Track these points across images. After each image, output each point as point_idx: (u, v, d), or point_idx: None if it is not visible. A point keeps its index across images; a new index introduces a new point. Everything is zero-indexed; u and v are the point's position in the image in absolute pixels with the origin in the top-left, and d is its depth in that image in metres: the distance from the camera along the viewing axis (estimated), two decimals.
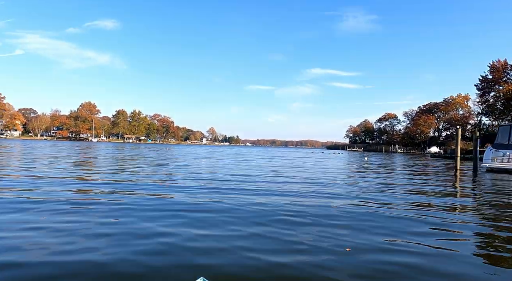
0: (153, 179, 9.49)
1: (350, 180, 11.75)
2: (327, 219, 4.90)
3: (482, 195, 8.60)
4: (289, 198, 6.84)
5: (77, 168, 12.97)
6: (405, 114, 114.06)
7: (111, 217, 4.63)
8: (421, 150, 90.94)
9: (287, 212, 5.33)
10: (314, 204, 6.14)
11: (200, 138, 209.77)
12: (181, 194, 6.88)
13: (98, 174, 10.58)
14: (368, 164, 23.43)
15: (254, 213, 5.21)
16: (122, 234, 3.82)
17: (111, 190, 7.13)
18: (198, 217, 4.77)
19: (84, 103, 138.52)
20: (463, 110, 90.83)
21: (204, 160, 21.64)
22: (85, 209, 5.13)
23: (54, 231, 3.84)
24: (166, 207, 5.48)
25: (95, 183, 8.31)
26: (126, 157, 22.22)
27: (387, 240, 3.92)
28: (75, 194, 6.57)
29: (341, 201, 6.57)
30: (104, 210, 5.04)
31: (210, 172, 12.54)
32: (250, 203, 6.05)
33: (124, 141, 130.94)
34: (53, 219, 4.44)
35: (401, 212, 5.68)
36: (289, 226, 4.43)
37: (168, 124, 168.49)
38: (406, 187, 9.57)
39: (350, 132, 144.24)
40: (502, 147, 17.57)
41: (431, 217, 5.32)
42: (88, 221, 4.36)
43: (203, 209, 5.40)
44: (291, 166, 18.14)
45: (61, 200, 5.74)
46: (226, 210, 5.37)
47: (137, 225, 4.23)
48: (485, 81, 56.44)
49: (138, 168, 13.76)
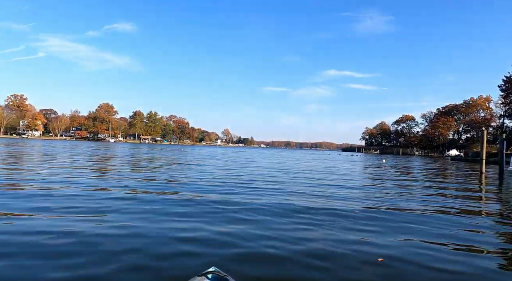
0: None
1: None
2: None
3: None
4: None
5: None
6: (423, 116, 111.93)
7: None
8: (440, 153, 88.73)
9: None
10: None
11: (215, 139, 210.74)
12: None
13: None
14: (388, 168, 22.89)
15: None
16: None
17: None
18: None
19: (102, 104, 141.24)
20: (484, 112, 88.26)
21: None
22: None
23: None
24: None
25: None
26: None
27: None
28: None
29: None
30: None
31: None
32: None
33: (141, 142, 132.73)
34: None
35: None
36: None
37: (183, 125, 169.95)
38: (443, 198, 9.18)
39: (366, 134, 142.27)
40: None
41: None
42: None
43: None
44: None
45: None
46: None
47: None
48: (509, 82, 54.58)
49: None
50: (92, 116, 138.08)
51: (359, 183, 11.09)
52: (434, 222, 5.01)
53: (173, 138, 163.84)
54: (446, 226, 4.76)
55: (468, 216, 5.73)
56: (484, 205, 7.53)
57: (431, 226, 4.74)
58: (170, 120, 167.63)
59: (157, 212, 5.00)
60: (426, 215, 5.55)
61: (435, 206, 6.58)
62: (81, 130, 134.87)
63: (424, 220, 5.11)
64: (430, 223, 4.90)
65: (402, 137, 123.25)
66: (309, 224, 4.57)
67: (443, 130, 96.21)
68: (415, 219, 5.20)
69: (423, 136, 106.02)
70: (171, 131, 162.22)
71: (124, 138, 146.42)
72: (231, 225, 4.38)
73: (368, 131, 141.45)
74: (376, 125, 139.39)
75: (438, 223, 4.95)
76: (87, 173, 10.47)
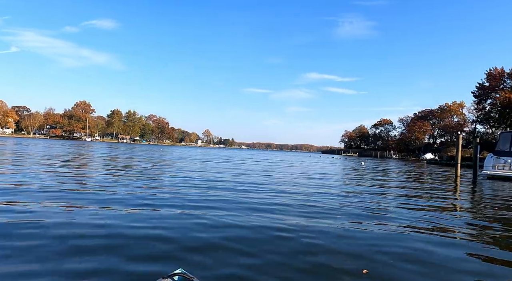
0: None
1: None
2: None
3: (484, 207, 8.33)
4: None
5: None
6: (401, 120, 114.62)
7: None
8: (416, 156, 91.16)
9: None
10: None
11: (195, 140, 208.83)
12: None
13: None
14: (365, 170, 23.19)
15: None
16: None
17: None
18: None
19: (78, 102, 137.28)
20: (458, 118, 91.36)
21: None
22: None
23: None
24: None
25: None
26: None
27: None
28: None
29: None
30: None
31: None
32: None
33: (119, 141, 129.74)
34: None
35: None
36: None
37: (163, 125, 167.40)
38: (417, 202, 9.25)
39: (346, 137, 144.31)
40: (504, 154, 17.39)
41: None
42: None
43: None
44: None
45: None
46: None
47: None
48: (482, 89, 56.77)
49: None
50: (68, 114, 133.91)
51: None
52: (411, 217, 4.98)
53: (152, 138, 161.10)
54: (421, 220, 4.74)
55: (445, 212, 5.77)
56: (459, 204, 7.70)
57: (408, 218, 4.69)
58: (149, 120, 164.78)
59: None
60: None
61: (413, 204, 6.63)
62: (56, 129, 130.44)
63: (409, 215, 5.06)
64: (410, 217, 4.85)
65: (380, 140, 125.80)
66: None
67: (419, 134, 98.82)
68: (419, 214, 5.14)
69: (400, 139, 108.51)
70: (150, 131, 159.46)
71: (102, 138, 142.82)
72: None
73: (347, 134, 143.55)
74: (355, 128, 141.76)
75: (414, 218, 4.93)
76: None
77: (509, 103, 49.14)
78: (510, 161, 16.85)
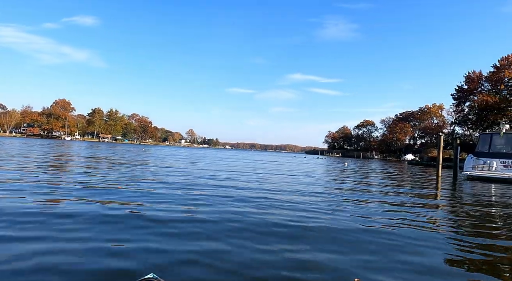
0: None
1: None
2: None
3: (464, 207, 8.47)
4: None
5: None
6: (383, 122, 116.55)
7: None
8: (397, 157, 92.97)
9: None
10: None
11: (179, 139, 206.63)
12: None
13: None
14: (349, 171, 23.37)
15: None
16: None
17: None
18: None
19: (58, 100, 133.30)
20: (438, 119, 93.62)
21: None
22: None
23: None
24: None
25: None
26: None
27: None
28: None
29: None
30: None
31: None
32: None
33: (100, 140, 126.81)
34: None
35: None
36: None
37: (146, 125, 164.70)
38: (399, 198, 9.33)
39: (329, 137, 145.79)
40: (483, 155, 17.86)
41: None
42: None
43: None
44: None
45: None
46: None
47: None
48: (461, 91, 58.40)
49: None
50: (46, 112, 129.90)
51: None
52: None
53: (134, 137, 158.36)
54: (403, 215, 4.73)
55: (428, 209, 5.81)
56: (441, 202, 7.83)
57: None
58: (132, 119, 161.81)
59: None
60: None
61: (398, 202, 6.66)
62: (33, 127, 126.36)
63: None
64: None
65: (362, 141, 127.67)
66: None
67: (400, 135, 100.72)
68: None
69: (382, 140, 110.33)
70: (132, 130, 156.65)
71: (82, 136, 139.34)
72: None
73: (331, 135, 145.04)
74: (339, 129, 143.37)
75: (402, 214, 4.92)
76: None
77: (487, 106, 50.72)
78: (489, 162, 17.31)
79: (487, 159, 17.43)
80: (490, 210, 7.38)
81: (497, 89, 52.90)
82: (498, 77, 51.82)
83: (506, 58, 51.20)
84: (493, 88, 53.68)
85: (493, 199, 9.63)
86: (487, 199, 9.39)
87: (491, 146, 17.82)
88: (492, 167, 17.06)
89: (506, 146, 17.39)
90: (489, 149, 17.84)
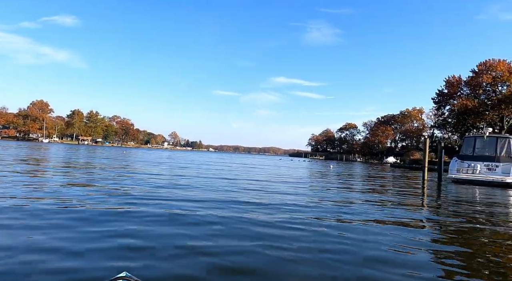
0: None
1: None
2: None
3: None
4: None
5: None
6: (365, 125, 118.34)
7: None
8: (379, 159, 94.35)
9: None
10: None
11: (162, 142, 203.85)
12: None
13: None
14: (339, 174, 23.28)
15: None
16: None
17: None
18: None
19: (35, 101, 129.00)
20: (418, 123, 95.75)
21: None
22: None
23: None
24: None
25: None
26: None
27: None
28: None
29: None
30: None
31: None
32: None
33: (79, 143, 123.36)
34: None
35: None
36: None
37: (127, 127, 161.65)
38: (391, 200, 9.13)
39: (312, 140, 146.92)
40: (467, 158, 18.02)
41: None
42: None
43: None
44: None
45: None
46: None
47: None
48: (441, 95, 59.83)
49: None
50: (22, 113, 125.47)
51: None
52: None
53: (115, 139, 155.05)
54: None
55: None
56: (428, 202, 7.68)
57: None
58: (113, 121, 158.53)
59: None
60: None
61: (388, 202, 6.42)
62: (8, 129, 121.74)
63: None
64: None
65: (345, 144, 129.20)
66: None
67: (382, 138, 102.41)
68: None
69: (364, 143, 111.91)
70: (113, 132, 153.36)
71: (60, 139, 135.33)
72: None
73: (314, 138, 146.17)
74: (322, 132, 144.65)
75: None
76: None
77: (466, 110, 52.07)
78: (473, 165, 17.48)
79: (471, 162, 17.60)
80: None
81: (476, 93, 54.43)
82: (477, 81, 53.33)
83: (483, 64, 52.76)
84: (472, 93, 55.22)
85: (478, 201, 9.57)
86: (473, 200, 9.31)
87: (475, 149, 18.02)
88: (476, 170, 17.23)
89: (490, 149, 17.62)
90: (473, 152, 18.03)
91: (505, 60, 51.46)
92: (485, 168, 17.23)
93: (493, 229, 5.40)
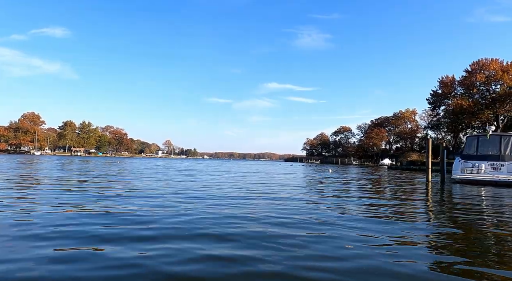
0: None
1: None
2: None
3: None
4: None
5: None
6: (359, 128, 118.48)
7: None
8: (374, 162, 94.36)
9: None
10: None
11: (156, 150, 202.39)
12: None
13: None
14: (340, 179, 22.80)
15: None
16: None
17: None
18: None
19: (26, 114, 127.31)
20: (411, 124, 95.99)
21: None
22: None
23: None
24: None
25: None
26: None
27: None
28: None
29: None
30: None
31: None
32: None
33: (72, 154, 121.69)
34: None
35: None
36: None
37: (121, 136, 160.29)
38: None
39: (307, 144, 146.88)
40: (471, 158, 17.68)
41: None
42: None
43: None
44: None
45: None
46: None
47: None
48: (435, 95, 59.95)
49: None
50: (14, 126, 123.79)
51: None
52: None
53: (109, 150, 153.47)
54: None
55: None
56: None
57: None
58: (106, 131, 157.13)
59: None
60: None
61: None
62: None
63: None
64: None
65: (340, 147, 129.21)
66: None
67: (376, 140, 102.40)
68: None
69: (359, 146, 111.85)
70: (107, 142, 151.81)
71: (53, 151, 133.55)
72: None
73: (309, 142, 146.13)
74: (316, 136, 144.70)
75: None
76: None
77: (461, 109, 52.12)
78: (478, 164, 17.13)
79: (475, 161, 17.25)
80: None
81: (470, 93, 54.58)
82: (470, 81, 53.47)
83: (477, 63, 52.97)
84: (466, 92, 55.36)
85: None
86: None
87: (479, 149, 17.70)
88: (481, 170, 16.87)
89: (493, 147, 17.30)
90: (477, 151, 17.71)
91: (497, 59, 51.76)
92: (490, 168, 16.89)
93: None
